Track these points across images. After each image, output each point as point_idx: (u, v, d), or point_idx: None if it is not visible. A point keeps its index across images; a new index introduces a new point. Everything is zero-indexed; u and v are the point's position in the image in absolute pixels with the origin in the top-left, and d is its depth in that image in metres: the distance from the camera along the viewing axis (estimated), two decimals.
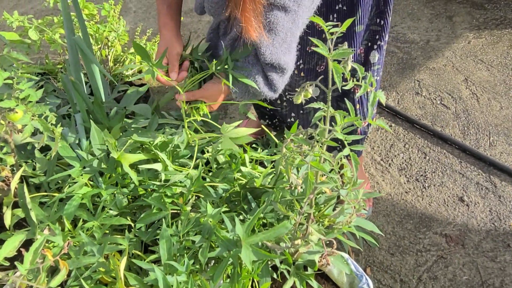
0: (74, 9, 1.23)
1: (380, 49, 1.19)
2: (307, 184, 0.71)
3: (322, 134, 0.68)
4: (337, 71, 0.61)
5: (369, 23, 1.16)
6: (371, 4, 1.12)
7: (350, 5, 1.09)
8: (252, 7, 0.86)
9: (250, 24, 0.88)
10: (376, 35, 1.18)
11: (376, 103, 1.28)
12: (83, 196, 1.00)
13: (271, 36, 0.93)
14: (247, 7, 0.86)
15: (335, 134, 0.65)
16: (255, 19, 0.88)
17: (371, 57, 1.19)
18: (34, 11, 2.60)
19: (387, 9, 1.13)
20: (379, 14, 1.14)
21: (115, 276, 0.87)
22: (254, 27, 0.89)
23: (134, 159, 1.04)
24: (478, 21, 2.43)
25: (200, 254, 0.86)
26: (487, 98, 1.96)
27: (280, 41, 0.94)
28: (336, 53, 0.61)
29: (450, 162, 1.68)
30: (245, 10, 0.86)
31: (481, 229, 1.46)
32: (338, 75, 0.61)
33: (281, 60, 0.96)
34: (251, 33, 0.89)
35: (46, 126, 0.89)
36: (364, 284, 1.03)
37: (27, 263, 0.70)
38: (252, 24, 0.88)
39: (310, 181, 0.71)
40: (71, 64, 1.24)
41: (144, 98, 1.63)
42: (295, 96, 0.75)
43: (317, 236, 0.85)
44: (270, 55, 0.94)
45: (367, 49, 1.20)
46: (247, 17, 0.87)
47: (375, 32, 1.17)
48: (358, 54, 1.19)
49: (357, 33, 1.14)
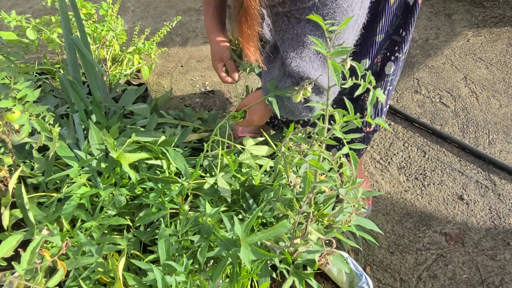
0: (72, 9, 1.23)
1: (397, 60, 1.14)
2: (306, 183, 0.71)
3: (321, 133, 0.67)
4: (335, 69, 0.60)
5: (392, 32, 1.12)
6: (396, 14, 1.08)
7: (373, 14, 1.05)
8: (249, 32, 0.89)
9: (248, 49, 0.92)
10: (395, 46, 1.13)
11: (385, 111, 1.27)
12: (82, 196, 1.00)
13: (298, 49, 0.92)
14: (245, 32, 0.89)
15: (334, 132, 0.65)
16: (252, 44, 0.92)
17: (387, 68, 1.15)
18: (32, 11, 2.59)
19: (411, 21, 1.08)
20: (403, 25, 1.10)
21: (113, 276, 0.87)
22: (252, 51, 0.93)
23: (134, 158, 1.04)
24: (477, 19, 2.43)
25: (199, 254, 0.86)
26: (486, 96, 1.96)
27: (310, 55, 0.92)
28: (334, 51, 0.61)
29: (450, 160, 1.68)
30: (242, 35, 0.90)
31: (480, 227, 1.46)
32: (336, 73, 0.60)
33: (311, 74, 0.93)
34: (250, 57, 0.94)
35: (44, 126, 0.88)
36: (364, 283, 1.03)
37: (24, 263, 0.70)
38: (250, 49, 0.92)
39: (309, 180, 0.71)
40: (69, 63, 1.23)
41: (143, 98, 1.62)
42: (294, 94, 0.74)
43: (317, 235, 0.84)
44: (296, 67, 0.93)
45: (384, 59, 1.15)
46: (245, 42, 0.91)
47: (395, 42, 1.13)
48: (374, 63, 1.15)
49: (376, 42, 1.10)
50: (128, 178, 1.08)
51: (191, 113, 1.52)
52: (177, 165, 0.99)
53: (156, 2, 2.71)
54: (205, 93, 2.00)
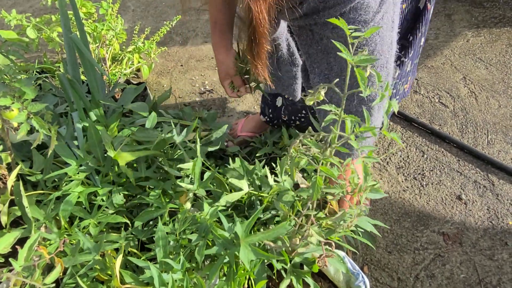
0: (71, 8, 1.23)
1: (402, 65, 1.14)
2: (315, 188, 0.71)
3: (334, 140, 0.67)
4: (362, 78, 0.60)
5: (400, 36, 1.11)
6: (406, 18, 1.07)
7: None
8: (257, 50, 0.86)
9: (255, 68, 0.90)
10: (402, 50, 1.13)
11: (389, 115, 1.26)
12: (80, 194, 1.00)
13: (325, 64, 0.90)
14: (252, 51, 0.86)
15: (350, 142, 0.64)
16: (259, 61, 0.89)
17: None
18: (32, 10, 2.60)
19: (419, 25, 1.08)
20: (411, 30, 1.10)
21: (111, 273, 0.87)
22: (259, 70, 0.91)
23: (131, 157, 1.04)
24: (477, 20, 2.43)
25: (196, 252, 0.86)
26: (486, 96, 1.96)
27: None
28: (359, 59, 0.60)
29: (448, 160, 1.68)
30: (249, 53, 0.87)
31: (478, 227, 1.46)
32: (363, 81, 0.60)
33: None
34: (258, 75, 0.93)
35: (42, 124, 0.89)
36: (361, 282, 1.03)
37: (22, 260, 0.70)
38: (257, 67, 0.90)
39: (318, 186, 0.71)
40: (68, 62, 1.24)
41: (142, 97, 1.63)
42: (307, 98, 0.74)
43: (317, 238, 0.85)
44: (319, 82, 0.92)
45: None
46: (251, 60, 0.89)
47: (402, 47, 1.13)
48: None
49: None
50: (126, 177, 1.08)
51: (190, 112, 1.53)
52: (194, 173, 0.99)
53: (157, 1, 2.71)
54: (205, 92, 2.01)
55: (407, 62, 1.13)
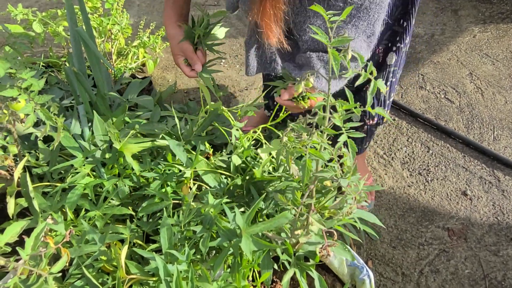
0: (77, 2, 1.24)
1: (398, 51, 1.13)
2: (305, 171, 0.71)
3: (321, 122, 0.67)
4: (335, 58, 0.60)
5: (392, 23, 1.11)
6: (395, 4, 1.07)
7: None
8: (272, 12, 0.84)
9: (270, 30, 0.87)
10: (397, 36, 1.12)
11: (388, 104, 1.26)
12: (86, 186, 1.01)
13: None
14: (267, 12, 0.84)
15: (333, 120, 0.65)
16: (275, 25, 0.87)
17: (388, 59, 1.15)
18: (38, 5, 2.61)
19: (412, 11, 1.07)
20: (403, 15, 1.09)
21: (116, 264, 0.88)
22: (274, 32, 0.88)
23: (137, 149, 1.05)
24: (483, 15, 2.41)
25: (201, 244, 0.87)
26: (492, 92, 1.95)
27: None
28: (335, 41, 0.61)
29: (454, 156, 1.67)
30: (264, 15, 0.85)
31: (484, 223, 1.45)
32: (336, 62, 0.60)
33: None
34: (271, 39, 0.89)
35: (49, 115, 0.89)
36: (365, 275, 1.03)
37: (29, 249, 0.71)
38: (272, 29, 0.87)
39: (307, 169, 0.71)
40: (74, 55, 1.24)
41: (147, 91, 1.63)
42: (296, 85, 0.75)
43: (318, 226, 0.85)
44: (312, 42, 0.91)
45: (386, 49, 1.15)
46: (267, 22, 0.86)
47: (397, 33, 1.12)
48: (375, 53, 1.15)
49: None
50: (131, 169, 1.08)
51: (195, 107, 1.53)
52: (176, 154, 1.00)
53: None
54: None
55: (403, 48, 1.13)
